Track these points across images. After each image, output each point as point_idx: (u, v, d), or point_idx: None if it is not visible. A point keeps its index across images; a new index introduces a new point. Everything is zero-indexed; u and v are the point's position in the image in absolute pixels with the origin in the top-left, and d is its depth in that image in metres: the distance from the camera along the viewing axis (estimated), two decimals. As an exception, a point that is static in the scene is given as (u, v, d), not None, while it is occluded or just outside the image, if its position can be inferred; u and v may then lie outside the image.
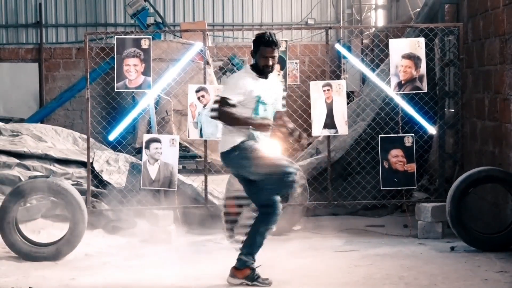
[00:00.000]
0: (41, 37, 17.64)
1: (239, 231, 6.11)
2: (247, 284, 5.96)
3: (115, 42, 8.08)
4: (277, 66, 7.75)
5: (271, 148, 6.06)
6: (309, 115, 8.18)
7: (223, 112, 5.85)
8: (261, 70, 6.00)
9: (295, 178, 5.84)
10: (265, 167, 5.81)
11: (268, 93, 6.01)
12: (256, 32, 6.28)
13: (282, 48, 7.44)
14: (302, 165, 8.66)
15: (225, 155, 6.00)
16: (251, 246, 5.95)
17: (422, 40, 8.12)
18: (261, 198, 5.92)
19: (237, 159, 5.92)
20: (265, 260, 6.06)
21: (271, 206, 5.89)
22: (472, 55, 8.63)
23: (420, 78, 8.06)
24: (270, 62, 5.97)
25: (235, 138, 5.91)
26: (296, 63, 8.85)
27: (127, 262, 7.00)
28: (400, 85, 8.08)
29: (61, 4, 17.79)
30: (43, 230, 7.71)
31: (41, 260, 6.95)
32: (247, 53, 13.22)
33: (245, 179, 6.04)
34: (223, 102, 5.87)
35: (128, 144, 9.75)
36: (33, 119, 15.18)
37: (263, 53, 5.94)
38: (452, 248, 7.30)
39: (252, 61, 6.14)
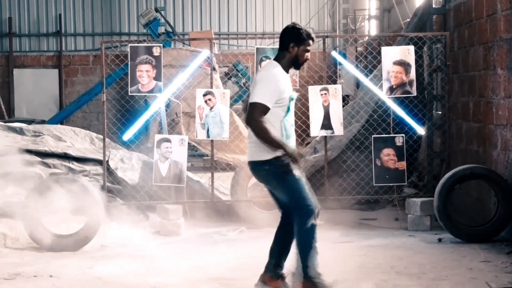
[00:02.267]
0: (61, 45, 17.66)
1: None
2: None
3: (129, 50, 8.08)
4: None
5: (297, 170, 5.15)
6: (308, 117, 8.18)
7: (262, 128, 4.98)
8: (299, 65, 5.30)
9: (314, 216, 5.06)
10: (290, 195, 5.11)
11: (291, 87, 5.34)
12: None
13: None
14: (301, 163, 8.64)
15: (255, 166, 5.19)
16: (306, 257, 5.12)
17: (412, 47, 8.11)
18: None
19: (266, 174, 5.14)
20: (268, 250, 6.04)
21: (304, 206, 5.11)
22: (458, 62, 8.61)
23: (410, 83, 8.05)
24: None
25: (269, 151, 5.06)
26: (295, 69, 8.80)
27: (139, 252, 7.00)
28: (391, 89, 8.08)
29: (79, 15, 17.81)
30: (63, 222, 7.70)
31: (61, 250, 6.95)
32: (251, 60, 13.19)
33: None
34: (261, 109, 5.00)
35: (141, 144, 9.75)
36: (53, 121, 15.17)
37: (308, 47, 5.24)
38: (440, 240, 7.29)
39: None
